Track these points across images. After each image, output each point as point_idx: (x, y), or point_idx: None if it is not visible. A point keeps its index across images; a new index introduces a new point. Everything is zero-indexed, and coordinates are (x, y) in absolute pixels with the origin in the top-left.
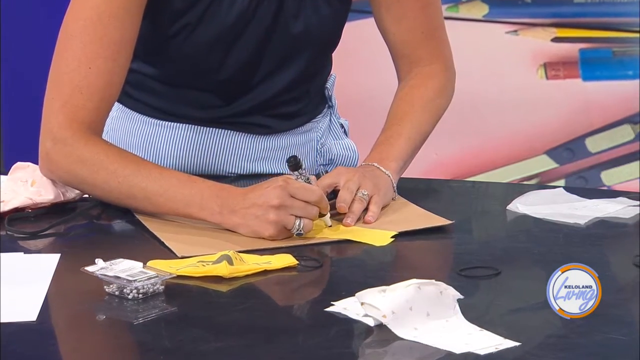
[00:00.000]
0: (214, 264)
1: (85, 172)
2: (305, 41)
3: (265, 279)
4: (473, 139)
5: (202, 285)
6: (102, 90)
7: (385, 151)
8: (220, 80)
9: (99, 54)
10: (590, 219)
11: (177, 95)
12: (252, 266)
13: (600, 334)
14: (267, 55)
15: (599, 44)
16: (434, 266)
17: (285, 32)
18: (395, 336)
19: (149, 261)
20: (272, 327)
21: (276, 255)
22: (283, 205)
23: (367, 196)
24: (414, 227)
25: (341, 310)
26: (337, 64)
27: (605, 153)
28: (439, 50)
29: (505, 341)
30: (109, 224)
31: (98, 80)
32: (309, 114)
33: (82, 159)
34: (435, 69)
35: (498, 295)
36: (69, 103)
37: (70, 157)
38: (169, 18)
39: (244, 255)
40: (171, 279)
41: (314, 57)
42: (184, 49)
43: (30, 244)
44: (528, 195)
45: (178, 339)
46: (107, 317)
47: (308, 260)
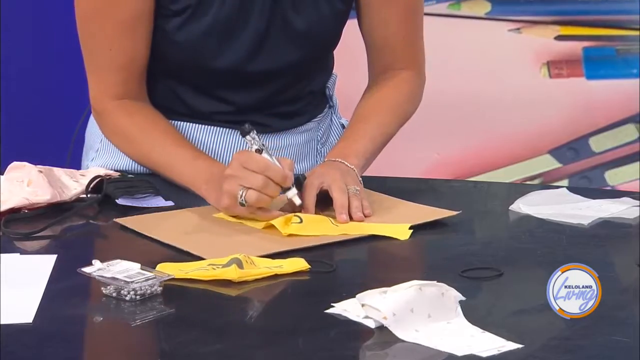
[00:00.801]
0: (223, 267)
1: (117, 142)
2: (305, 37)
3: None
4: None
5: (211, 288)
6: (127, 67)
7: (349, 147)
8: (215, 74)
9: (116, 34)
10: (594, 220)
11: (171, 90)
12: (263, 270)
13: (604, 336)
14: (265, 50)
15: (602, 42)
16: (436, 267)
17: (285, 27)
18: (396, 338)
19: (159, 264)
20: (271, 329)
21: (288, 259)
22: (233, 175)
23: (359, 192)
24: (423, 220)
25: (341, 312)
26: (339, 63)
27: (609, 153)
28: (415, 57)
29: (508, 343)
30: (106, 225)
31: (120, 58)
32: (309, 113)
33: (115, 130)
34: (408, 75)
35: (500, 297)
36: (100, 82)
37: (106, 127)
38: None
39: (255, 258)
40: (169, 280)
41: (313, 55)
42: (178, 39)
43: (26, 245)
44: (531, 196)
45: (176, 341)
46: (104, 319)
47: (320, 264)
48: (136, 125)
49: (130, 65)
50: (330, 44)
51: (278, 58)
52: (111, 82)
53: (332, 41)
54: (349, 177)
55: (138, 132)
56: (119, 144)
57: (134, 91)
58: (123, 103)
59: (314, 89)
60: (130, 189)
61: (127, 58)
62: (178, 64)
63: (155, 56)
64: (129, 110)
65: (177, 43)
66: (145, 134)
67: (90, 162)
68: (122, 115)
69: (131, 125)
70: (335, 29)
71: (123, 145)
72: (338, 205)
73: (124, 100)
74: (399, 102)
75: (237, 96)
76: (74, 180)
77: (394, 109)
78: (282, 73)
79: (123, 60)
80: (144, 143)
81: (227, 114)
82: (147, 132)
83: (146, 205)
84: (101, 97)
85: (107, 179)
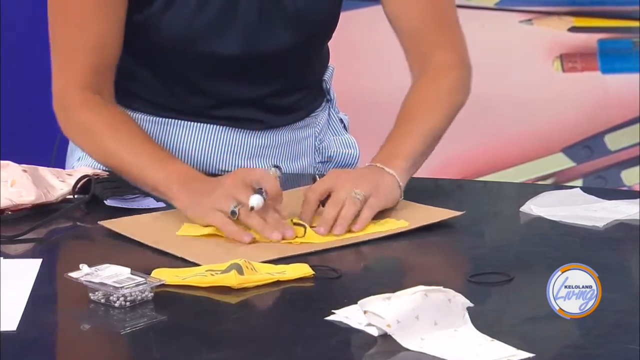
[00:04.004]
0: (222, 273)
1: (79, 139)
2: (298, 22)
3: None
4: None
5: (208, 295)
6: (97, 51)
7: (392, 150)
8: (206, 62)
9: (85, 19)
10: (610, 222)
11: (160, 84)
12: (264, 276)
13: (618, 344)
14: (257, 35)
15: (618, 34)
16: (442, 272)
17: (278, 9)
18: (401, 347)
19: (154, 270)
20: (268, 337)
21: (291, 264)
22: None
23: (361, 196)
24: (428, 221)
25: (342, 319)
26: (336, 54)
27: (625, 151)
28: (452, 41)
29: (519, 352)
30: (94, 227)
31: (91, 40)
32: (306, 108)
33: (78, 125)
34: (449, 62)
35: (510, 303)
36: (66, 70)
37: (67, 122)
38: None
39: (257, 264)
40: (161, 286)
41: (309, 40)
42: (165, 27)
43: (10, 248)
44: (543, 196)
45: (168, 350)
46: (92, 326)
47: (325, 270)
48: (102, 121)
49: (101, 51)
50: (327, 28)
51: (272, 43)
52: (79, 68)
53: (329, 25)
54: (367, 182)
55: (104, 128)
56: (81, 141)
57: (101, 85)
58: (89, 97)
59: (311, 81)
60: (120, 189)
61: (99, 40)
62: (165, 53)
63: (144, 46)
64: (95, 105)
65: (162, 28)
66: (112, 131)
67: (77, 161)
68: (87, 110)
69: (97, 122)
70: (331, 10)
71: (86, 142)
72: (322, 217)
73: (89, 95)
74: (441, 93)
75: (230, 88)
76: (60, 180)
77: (437, 103)
78: (277, 60)
79: (94, 42)
80: (110, 141)
81: (218, 108)
82: (113, 129)
83: (136, 206)
84: (66, 88)
85: (95, 179)
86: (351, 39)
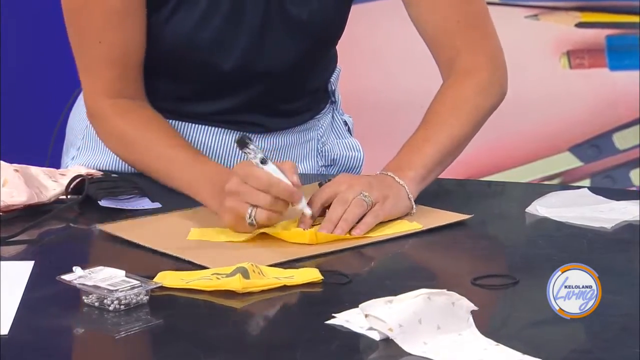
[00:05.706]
0: (227, 276)
1: (113, 146)
2: (305, 28)
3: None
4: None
5: (211, 300)
6: (120, 61)
7: (405, 159)
8: (213, 71)
9: (106, 26)
10: (618, 223)
11: (167, 91)
12: (271, 280)
13: (627, 349)
14: (263, 44)
15: (627, 30)
16: (446, 274)
17: (284, 17)
18: (403, 351)
19: (159, 273)
20: (267, 342)
21: (300, 269)
22: (235, 191)
23: (368, 199)
24: (432, 225)
25: (343, 323)
26: (342, 54)
27: (634, 150)
28: (481, 42)
29: (524, 357)
30: (88, 228)
31: (112, 52)
32: (309, 111)
33: (110, 132)
34: (476, 63)
35: (516, 307)
36: (93, 80)
37: (101, 130)
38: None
39: (265, 267)
40: (157, 289)
41: (316, 48)
42: (168, 29)
43: (1, 250)
44: (549, 197)
45: (163, 355)
46: (86, 330)
47: (335, 275)
48: (129, 125)
49: (123, 60)
50: (334, 35)
51: (278, 52)
52: (105, 78)
53: (336, 32)
54: (376, 191)
55: (132, 132)
56: (115, 148)
57: (130, 88)
58: (118, 102)
59: (316, 86)
60: (114, 189)
61: (119, 51)
62: (168, 59)
63: (150, 53)
64: (124, 109)
65: (168, 35)
66: (139, 134)
67: (71, 160)
68: (116, 115)
69: (125, 126)
70: (337, 17)
71: (118, 149)
72: (327, 216)
73: (119, 100)
74: (465, 97)
75: (232, 96)
76: (53, 180)
77: (459, 107)
78: (284, 68)
79: (116, 54)
80: (138, 144)
81: (220, 112)
82: (141, 132)
83: (131, 207)
84: (95, 97)
85: (89, 179)
86: (358, 38)
